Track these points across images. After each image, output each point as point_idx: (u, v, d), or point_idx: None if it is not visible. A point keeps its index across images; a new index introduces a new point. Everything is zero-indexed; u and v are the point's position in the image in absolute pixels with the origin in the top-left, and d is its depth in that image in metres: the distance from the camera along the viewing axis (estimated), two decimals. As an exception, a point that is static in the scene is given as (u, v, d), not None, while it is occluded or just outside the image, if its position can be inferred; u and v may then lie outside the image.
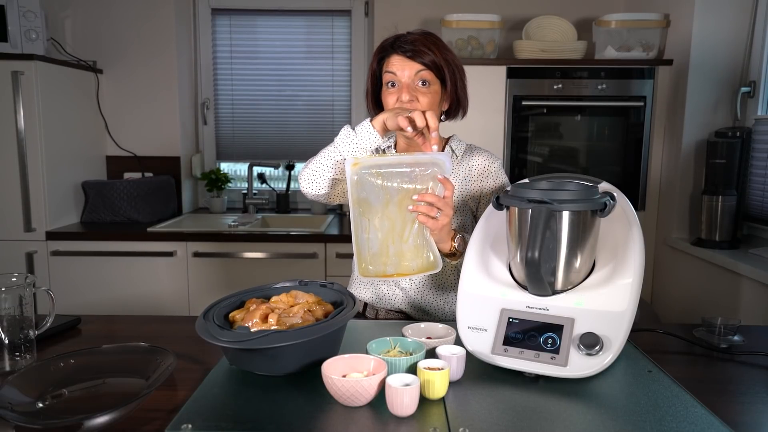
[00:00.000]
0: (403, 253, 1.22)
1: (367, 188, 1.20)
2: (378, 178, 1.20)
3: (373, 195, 1.20)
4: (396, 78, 1.36)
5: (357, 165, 1.20)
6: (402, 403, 0.89)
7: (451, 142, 1.50)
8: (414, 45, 1.36)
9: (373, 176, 1.20)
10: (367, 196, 1.20)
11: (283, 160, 3.21)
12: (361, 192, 1.20)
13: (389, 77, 1.38)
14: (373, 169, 1.19)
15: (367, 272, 1.23)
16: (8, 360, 1.10)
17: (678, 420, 0.89)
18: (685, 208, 2.49)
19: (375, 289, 1.52)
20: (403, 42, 1.37)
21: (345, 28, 3.20)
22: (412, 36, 1.38)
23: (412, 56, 1.35)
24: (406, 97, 1.35)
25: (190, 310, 2.58)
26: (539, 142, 2.62)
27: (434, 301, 1.48)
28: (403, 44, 1.36)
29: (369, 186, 1.20)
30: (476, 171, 1.46)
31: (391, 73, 1.37)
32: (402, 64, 1.36)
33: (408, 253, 1.22)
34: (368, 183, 1.20)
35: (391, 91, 1.38)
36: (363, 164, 1.19)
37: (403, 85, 1.36)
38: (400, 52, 1.36)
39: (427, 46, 1.36)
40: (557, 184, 1.15)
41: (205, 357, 1.16)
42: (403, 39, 1.38)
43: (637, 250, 1.08)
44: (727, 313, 2.06)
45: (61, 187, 2.66)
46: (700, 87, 2.40)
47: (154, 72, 2.99)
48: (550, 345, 1.03)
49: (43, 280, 2.55)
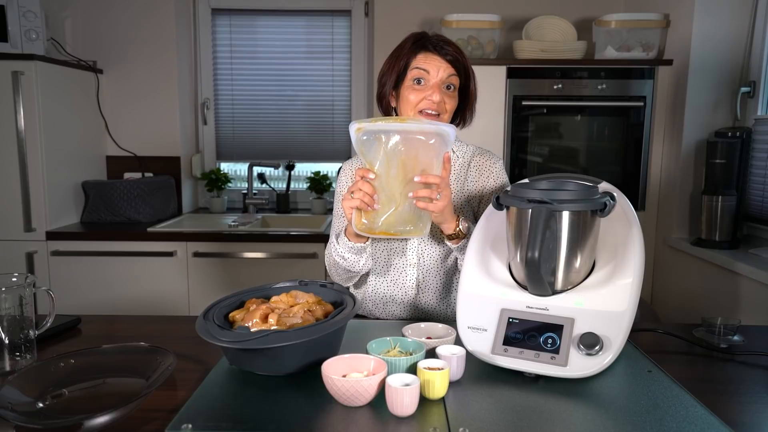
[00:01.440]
0: (396, 215, 1.22)
1: (371, 150, 1.20)
2: (381, 142, 1.19)
3: (376, 157, 1.20)
4: (428, 76, 1.34)
5: (360, 130, 1.20)
6: (402, 403, 0.89)
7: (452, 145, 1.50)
8: (450, 47, 1.35)
9: (377, 140, 1.20)
10: (372, 159, 1.21)
11: (283, 160, 3.21)
12: (367, 154, 1.21)
13: (419, 73, 1.34)
14: (377, 134, 1.19)
15: (361, 226, 1.23)
16: (8, 360, 1.10)
17: (678, 420, 0.89)
18: (685, 208, 2.49)
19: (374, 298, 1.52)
20: (440, 40, 1.35)
21: (345, 28, 3.20)
22: (440, 36, 1.37)
23: (447, 57, 1.34)
24: (437, 97, 1.33)
25: (190, 310, 2.58)
26: (539, 142, 2.62)
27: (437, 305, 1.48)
28: (440, 43, 1.35)
29: (373, 148, 1.20)
30: (477, 171, 1.46)
31: (423, 69, 1.34)
32: (438, 63, 1.34)
33: (400, 216, 1.22)
34: (372, 145, 1.20)
35: (418, 88, 1.35)
36: (366, 128, 1.20)
37: (434, 85, 1.34)
38: (436, 51, 1.34)
39: (457, 51, 1.36)
40: (557, 184, 1.15)
41: (205, 357, 1.16)
42: (439, 37, 1.36)
43: (637, 250, 1.08)
44: (727, 313, 2.06)
45: (61, 187, 2.66)
46: (700, 87, 2.40)
47: (154, 72, 2.99)
48: (550, 345, 1.03)
49: (43, 280, 2.55)
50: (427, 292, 1.48)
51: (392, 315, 1.50)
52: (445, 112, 1.36)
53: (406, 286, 1.47)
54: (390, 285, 1.48)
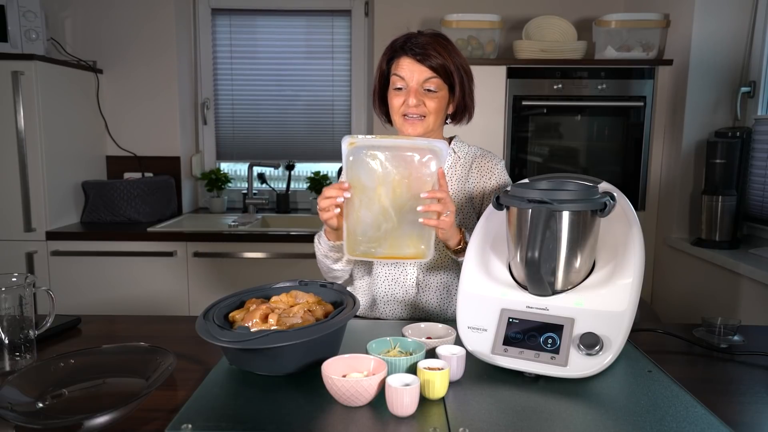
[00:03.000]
0: (393, 236, 1.22)
1: (362, 168, 1.20)
2: (373, 159, 1.19)
3: (367, 175, 1.20)
4: (404, 82, 1.37)
5: (353, 144, 1.20)
6: (402, 403, 0.89)
7: (453, 143, 1.50)
8: (424, 48, 1.35)
9: (368, 156, 1.20)
10: (361, 176, 1.21)
11: (283, 160, 3.21)
12: (356, 171, 1.21)
13: (397, 80, 1.38)
14: (369, 150, 1.19)
15: (355, 252, 1.24)
16: (8, 360, 1.11)
17: (678, 420, 0.89)
18: (685, 208, 2.49)
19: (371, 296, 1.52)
20: (414, 44, 1.36)
21: (345, 28, 3.20)
22: (423, 38, 1.37)
23: (422, 60, 1.35)
24: (413, 101, 1.35)
25: (190, 310, 2.58)
26: (539, 142, 2.62)
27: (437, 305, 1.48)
28: (413, 47, 1.36)
29: (364, 166, 1.20)
30: (479, 172, 1.47)
31: (399, 76, 1.37)
32: (411, 68, 1.36)
33: (398, 238, 1.22)
34: (363, 163, 1.20)
35: (398, 94, 1.38)
36: (358, 144, 1.20)
37: (410, 89, 1.36)
38: (410, 55, 1.36)
39: (437, 50, 1.35)
40: (557, 184, 1.15)
41: (205, 357, 1.16)
42: (414, 41, 1.37)
43: (637, 250, 1.08)
44: (727, 313, 2.06)
45: (61, 187, 2.66)
46: (700, 87, 2.40)
47: (154, 72, 2.99)
48: (550, 345, 1.03)
49: (43, 280, 2.55)
50: (427, 291, 1.48)
51: (392, 315, 1.50)
52: (430, 114, 1.38)
53: (407, 286, 1.47)
54: (390, 284, 1.48)
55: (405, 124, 1.39)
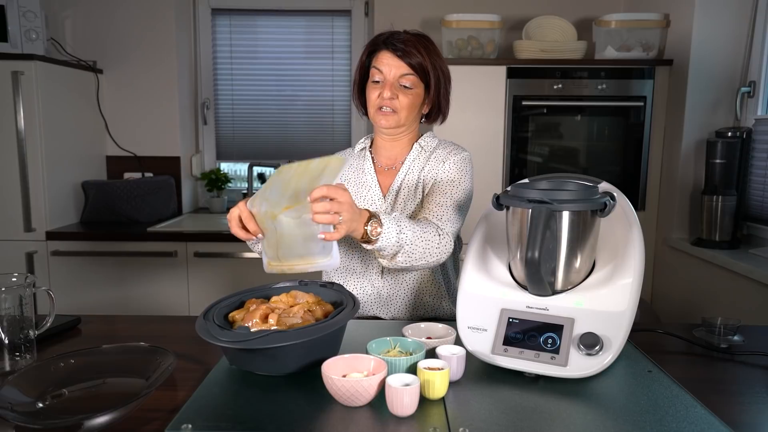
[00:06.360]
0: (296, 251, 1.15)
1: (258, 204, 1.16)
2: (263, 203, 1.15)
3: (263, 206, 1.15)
4: (381, 75, 1.40)
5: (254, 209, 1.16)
6: (402, 403, 0.89)
7: (421, 138, 1.51)
8: (405, 45, 1.38)
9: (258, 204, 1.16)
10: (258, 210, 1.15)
11: (283, 160, 3.21)
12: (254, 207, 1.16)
13: (375, 73, 1.41)
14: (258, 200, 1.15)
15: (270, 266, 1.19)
16: (8, 360, 1.10)
17: (678, 420, 0.89)
18: (685, 208, 2.49)
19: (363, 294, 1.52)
20: (396, 40, 1.40)
21: (345, 28, 3.20)
22: (406, 36, 1.41)
23: (401, 56, 1.38)
24: (388, 94, 1.39)
25: (190, 310, 2.58)
26: (539, 142, 2.62)
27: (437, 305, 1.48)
28: (395, 42, 1.39)
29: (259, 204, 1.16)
30: (435, 161, 1.47)
31: (377, 69, 1.41)
32: (389, 62, 1.39)
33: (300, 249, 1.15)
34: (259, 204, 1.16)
35: (375, 87, 1.42)
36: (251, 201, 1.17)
37: (386, 82, 1.39)
38: (391, 50, 1.39)
39: (417, 49, 1.39)
40: (557, 184, 1.15)
41: (205, 357, 1.16)
42: (396, 37, 1.41)
43: (637, 250, 1.08)
44: (727, 313, 2.06)
45: (61, 187, 2.66)
46: (700, 87, 2.40)
47: (154, 72, 2.99)
48: (550, 345, 1.03)
49: (43, 280, 2.55)
50: (426, 291, 1.48)
51: (392, 314, 1.50)
52: (402, 109, 1.40)
53: (406, 286, 1.47)
54: (390, 284, 1.48)
55: (377, 115, 1.42)
